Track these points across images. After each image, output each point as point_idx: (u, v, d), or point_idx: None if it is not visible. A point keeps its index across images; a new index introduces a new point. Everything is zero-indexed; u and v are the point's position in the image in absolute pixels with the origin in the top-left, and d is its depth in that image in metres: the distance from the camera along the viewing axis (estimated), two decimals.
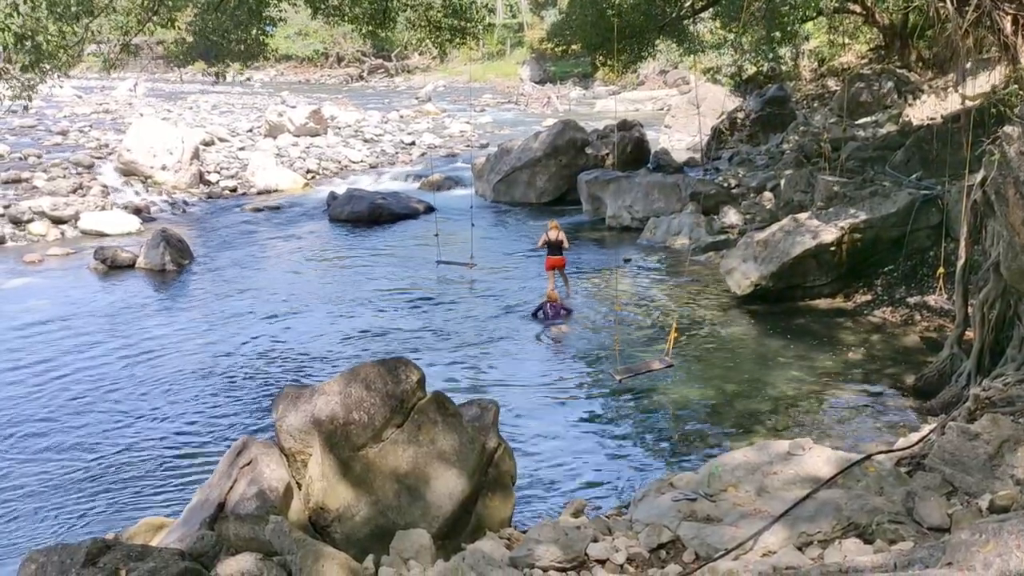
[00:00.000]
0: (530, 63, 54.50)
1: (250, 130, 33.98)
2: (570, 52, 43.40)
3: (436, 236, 16.63)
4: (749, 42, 25.91)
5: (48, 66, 12.24)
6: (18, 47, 11.40)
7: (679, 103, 31.98)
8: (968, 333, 10.13)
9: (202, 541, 5.60)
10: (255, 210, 22.70)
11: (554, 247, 14.66)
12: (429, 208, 21.28)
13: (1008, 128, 8.67)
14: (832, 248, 13.39)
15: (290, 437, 6.33)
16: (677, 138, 28.77)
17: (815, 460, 6.25)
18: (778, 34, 22.75)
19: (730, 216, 18.34)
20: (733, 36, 24.15)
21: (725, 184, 20.29)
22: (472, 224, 16.70)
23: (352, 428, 6.31)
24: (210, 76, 17.71)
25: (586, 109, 41.73)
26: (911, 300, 13.07)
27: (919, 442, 7.02)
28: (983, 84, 15.22)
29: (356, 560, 5.55)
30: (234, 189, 25.20)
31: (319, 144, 30.96)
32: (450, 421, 6.61)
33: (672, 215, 18.80)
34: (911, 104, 21.90)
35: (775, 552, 5.20)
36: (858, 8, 25.10)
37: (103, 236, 19.60)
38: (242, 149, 29.84)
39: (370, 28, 16.47)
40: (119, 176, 24.22)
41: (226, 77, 17.83)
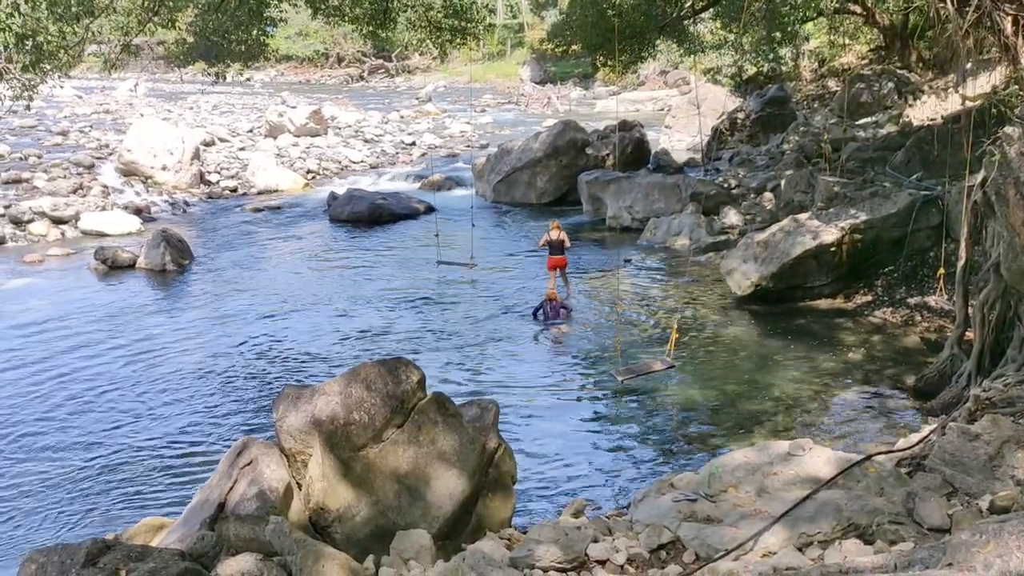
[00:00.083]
0: (530, 63, 54.51)
1: (250, 130, 34.01)
2: (570, 52, 43.42)
3: (436, 236, 16.64)
4: (749, 42, 25.93)
5: (48, 66, 12.24)
6: (19, 47, 11.40)
7: (679, 103, 32.00)
8: (968, 334, 10.13)
9: (202, 541, 5.60)
10: (255, 210, 22.71)
11: (555, 247, 14.68)
12: (429, 208, 21.30)
13: (1008, 129, 8.68)
14: (832, 249, 13.39)
15: (290, 437, 6.33)
16: (677, 138, 28.78)
17: (815, 461, 6.25)
18: (778, 35, 22.76)
19: (730, 217, 18.34)
20: (733, 37, 24.16)
21: (725, 185, 20.29)
22: (472, 224, 16.70)
23: (352, 428, 6.31)
24: (210, 76, 17.70)
25: (586, 109, 41.75)
26: (911, 301, 13.07)
27: (919, 443, 7.02)
28: (983, 85, 15.21)
29: (356, 560, 5.55)
30: (234, 189, 25.22)
31: (319, 144, 30.98)
32: (450, 421, 6.61)
33: (672, 215, 18.80)
34: (911, 105, 21.89)
35: (775, 553, 5.20)
36: (858, 9, 25.11)
37: (103, 236, 19.62)
38: (242, 149, 29.87)
39: (371, 28, 16.48)
40: (119, 176, 24.24)
41: (226, 77, 17.83)
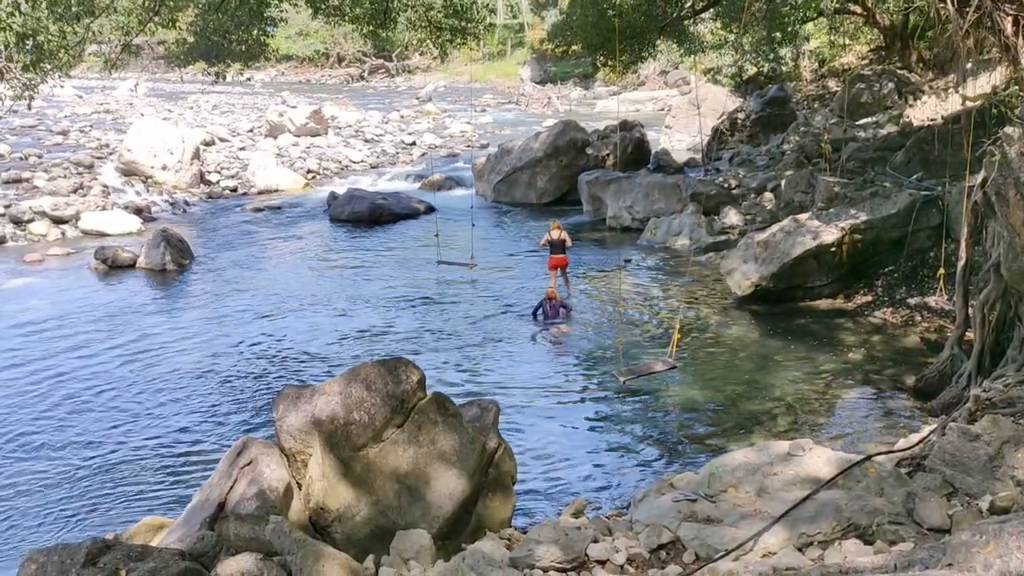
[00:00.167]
0: (531, 63, 54.50)
1: (251, 130, 33.99)
2: (571, 52, 43.46)
3: (436, 236, 16.64)
4: (750, 43, 25.94)
5: (49, 66, 12.23)
6: (19, 46, 11.40)
7: (680, 104, 32.01)
8: (969, 334, 10.13)
9: (202, 541, 5.60)
10: (255, 210, 22.71)
11: (556, 246, 14.70)
12: (429, 208, 21.30)
13: (1009, 129, 8.68)
14: (832, 249, 13.39)
15: (290, 437, 6.33)
16: (678, 138, 28.78)
17: (815, 461, 6.25)
18: (779, 35, 22.75)
19: (730, 217, 18.34)
20: (734, 37, 24.18)
21: (725, 185, 20.28)
22: (472, 224, 16.69)
23: (352, 428, 6.31)
24: (211, 76, 17.70)
25: (587, 109, 41.76)
26: (912, 301, 13.07)
27: (919, 443, 7.02)
28: (984, 85, 15.22)
29: (356, 560, 5.55)
30: (235, 189, 25.22)
31: (320, 144, 30.98)
32: (450, 421, 6.62)
33: (672, 215, 18.80)
34: (912, 105, 21.89)
35: (775, 553, 5.20)
36: (859, 9, 25.10)
37: (104, 236, 19.62)
38: (243, 149, 29.86)
39: (371, 28, 16.48)
40: (120, 176, 24.22)
41: (227, 77, 17.83)
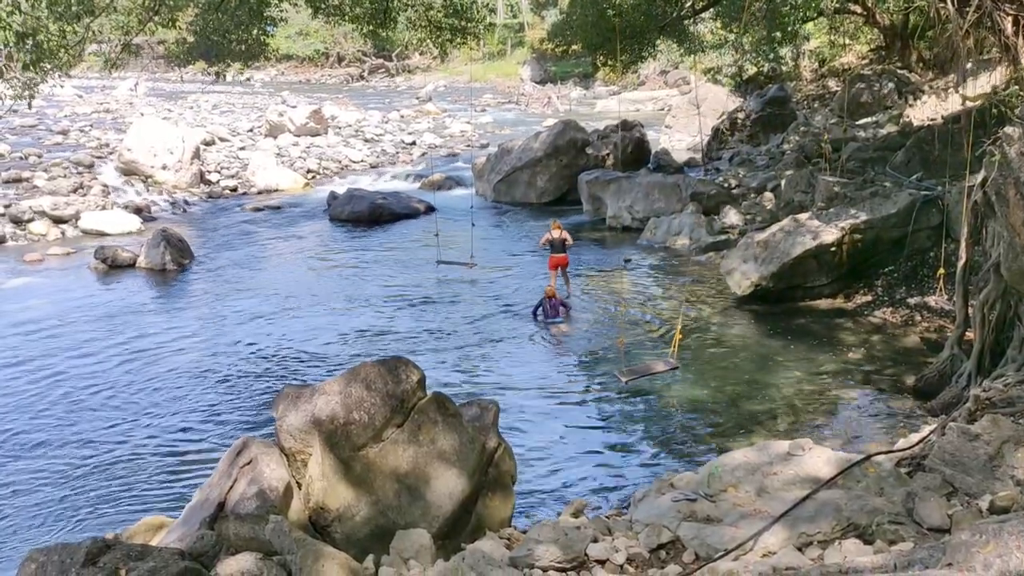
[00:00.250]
0: (531, 63, 54.50)
1: (251, 130, 33.99)
2: (571, 52, 43.42)
3: (436, 236, 16.65)
4: (750, 42, 25.94)
5: (49, 65, 12.22)
6: (19, 45, 11.39)
7: (680, 103, 32.01)
8: (968, 334, 10.13)
9: (202, 541, 5.60)
10: (255, 210, 22.71)
11: (557, 245, 14.71)
12: (429, 208, 21.29)
13: (1009, 129, 8.67)
14: (832, 249, 13.38)
15: (290, 437, 6.33)
16: (677, 138, 28.78)
17: (815, 461, 6.25)
18: (779, 34, 22.75)
19: (730, 216, 18.34)
20: (734, 36, 24.18)
21: (725, 184, 20.29)
22: (472, 224, 16.70)
23: (352, 428, 6.31)
24: (210, 76, 17.70)
25: (587, 109, 41.76)
26: (911, 301, 13.07)
27: (919, 443, 7.02)
28: (984, 85, 15.22)
29: (356, 560, 5.55)
30: (234, 189, 25.22)
31: (319, 144, 30.98)
32: (450, 421, 6.62)
33: (672, 215, 18.79)
34: (912, 105, 21.89)
35: (775, 553, 5.20)
36: (859, 9, 25.10)
37: (103, 235, 19.63)
38: (243, 149, 29.86)
39: (371, 28, 16.47)
40: (119, 176, 24.22)
41: (227, 77, 17.84)
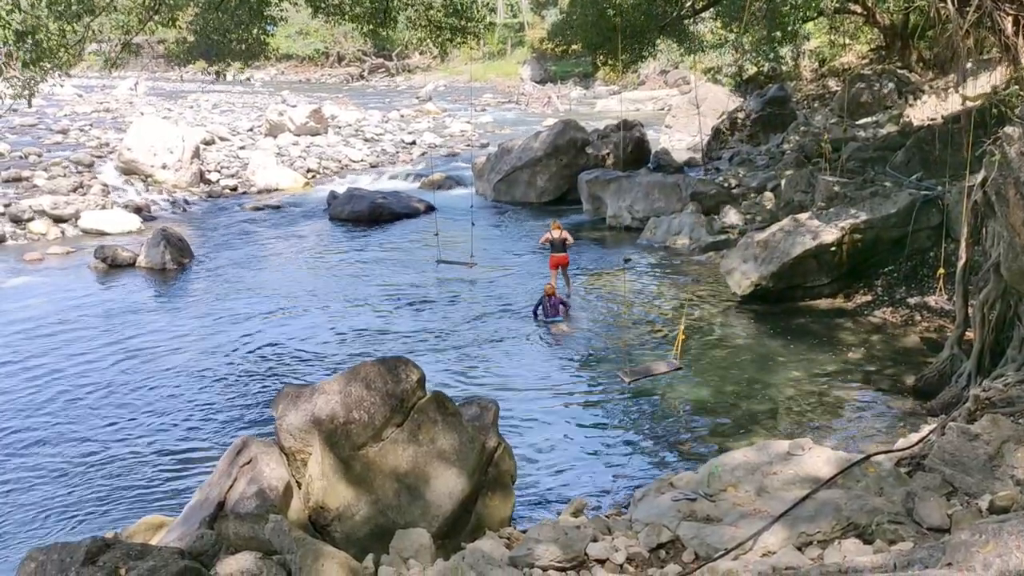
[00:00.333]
0: (531, 63, 54.50)
1: (251, 129, 33.98)
2: (571, 52, 43.43)
3: (436, 235, 16.65)
4: (750, 42, 25.93)
5: (49, 64, 12.22)
6: (19, 44, 11.38)
7: (680, 103, 32.00)
8: (968, 334, 10.13)
9: (202, 540, 5.60)
10: (255, 209, 22.70)
11: (557, 245, 14.72)
12: (429, 207, 21.29)
13: (1009, 129, 8.67)
14: (832, 248, 13.39)
15: (290, 436, 6.33)
16: (677, 138, 28.78)
17: (815, 460, 6.26)
18: (779, 34, 22.73)
19: (730, 216, 18.34)
20: (734, 36, 24.16)
21: (725, 184, 20.28)
22: (472, 224, 16.70)
23: (352, 427, 6.32)
24: (211, 75, 17.69)
25: (587, 109, 41.75)
26: (911, 300, 13.07)
27: (919, 442, 7.02)
28: (984, 85, 15.22)
29: (356, 559, 5.55)
30: (234, 188, 25.21)
31: (319, 143, 30.98)
32: (450, 420, 6.62)
33: (672, 215, 18.79)
34: (912, 105, 21.89)
35: (775, 552, 5.21)
36: (859, 8, 25.09)
37: (103, 235, 19.62)
38: (243, 148, 29.85)
39: (371, 27, 16.47)
40: (119, 175, 24.22)
41: (227, 76, 17.82)
